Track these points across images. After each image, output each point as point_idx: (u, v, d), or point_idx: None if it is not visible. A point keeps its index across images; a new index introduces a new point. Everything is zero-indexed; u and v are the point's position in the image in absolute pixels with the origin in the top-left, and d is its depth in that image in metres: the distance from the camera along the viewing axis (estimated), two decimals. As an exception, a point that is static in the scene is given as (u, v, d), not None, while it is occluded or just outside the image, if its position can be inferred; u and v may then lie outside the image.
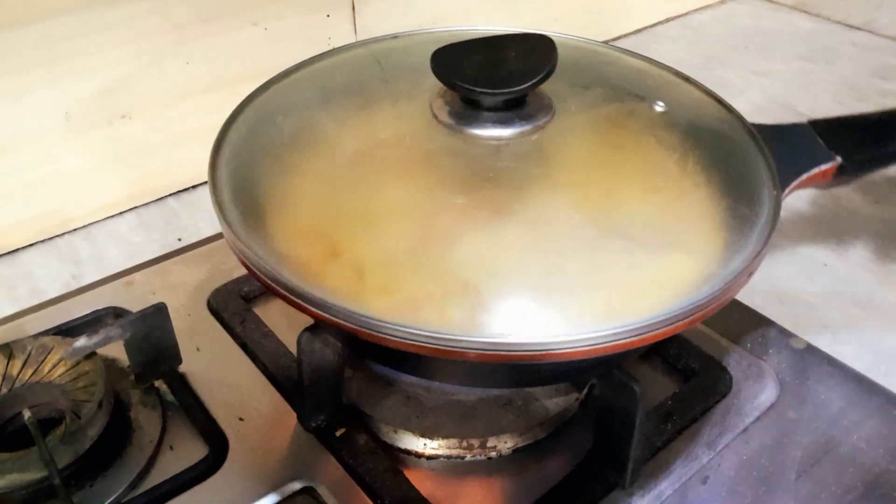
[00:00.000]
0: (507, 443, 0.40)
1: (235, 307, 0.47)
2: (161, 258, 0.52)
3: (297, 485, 0.37)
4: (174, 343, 0.41)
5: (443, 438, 0.40)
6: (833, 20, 0.83)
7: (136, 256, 0.53)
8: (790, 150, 0.42)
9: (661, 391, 0.43)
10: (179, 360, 0.42)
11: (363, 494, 0.37)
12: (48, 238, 0.56)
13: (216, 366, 0.44)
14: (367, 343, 0.31)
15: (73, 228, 0.56)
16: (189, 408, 0.41)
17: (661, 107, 0.42)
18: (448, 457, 0.40)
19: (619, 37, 0.87)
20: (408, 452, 0.40)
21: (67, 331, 0.45)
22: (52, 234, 0.56)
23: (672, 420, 0.41)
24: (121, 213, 0.58)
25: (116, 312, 0.47)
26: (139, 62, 0.54)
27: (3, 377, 0.39)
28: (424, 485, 0.38)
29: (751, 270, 0.34)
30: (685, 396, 0.42)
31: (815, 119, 0.46)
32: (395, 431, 0.40)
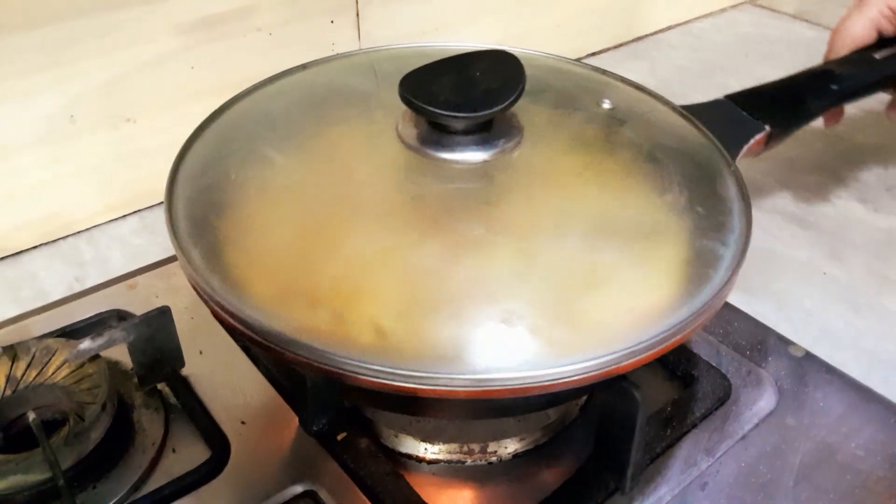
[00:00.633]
0: (508, 448, 0.40)
1: (238, 311, 0.47)
2: (164, 261, 0.52)
3: (299, 488, 0.38)
4: (177, 346, 0.41)
5: (444, 443, 0.40)
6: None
7: (140, 259, 0.53)
8: (723, 128, 0.44)
9: (661, 397, 0.43)
10: (182, 363, 0.42)
11: (364, 498, 0.37)
12: (52, 240, 0.56)
13: (219, 369, 0.44)
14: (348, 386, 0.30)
15: (77, 231, 0.57)
16: (192, 411, 0.41)
17: (608, 104, 0.42)
18: (449, 461, 0.40)
19: (621, 44, 0.88)
20: (409, 456, 0.40)
21: (71, 333, 0.46)
22: (56, 237, 0.56)
23: (671, 426, 0.41)
24: (124, 216, 0.58)
25: (120, 315, 0.47)
26: (144, 66, 0.54)
27: (8, 379, 0.39)
28: (425, 489, 0.38)
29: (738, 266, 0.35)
30: (685, 403, 0.42)
31: (730, 94, 0.49)
32: (397, 435, 0.40)
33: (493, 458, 0.40)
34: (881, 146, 0.69)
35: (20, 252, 0.55)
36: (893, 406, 0.43)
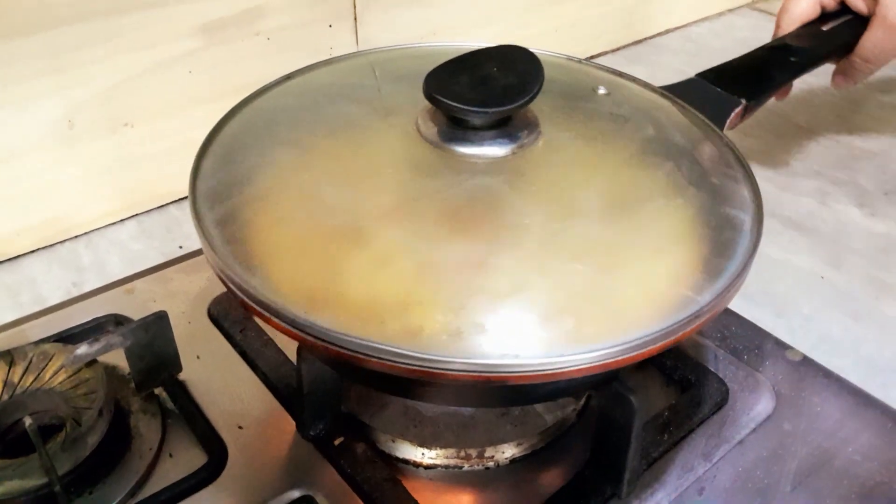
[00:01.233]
0: (505, 453, 0.40)
1: (236, 315, 0.47)
2: (162, 266, 0.52)
3: (296, 493, 0.38)
4: (175, 351, 0.41)
5: (441, 448, 0.40)
6: (832, 33, 0.84)
7: (137, 264, 0.54)
8: (703, 106, 0.45)
9: (658, 402, 0.43)
10: (179, 368, 0.42)
11: (361, 503, 0.37)
12: (50, 245, 0.56)
13: (216, 374, 0.44)
14: (362, 369, 0.30)
15: (75, 235, 0.57)
16: (189, 416, 0.41)
17: (604, 91, 0.43)
18: (446, 466, 0.40)
19: (620, 48, 0.88)
20: (406, 462, 0.40)
21: (68, 338, 0.46)
22: (54, 241, 0.56)
23: (669, 431, 0.41)
24: (122, 221, 0.59)
25: (117, 320, 0.47)
26: (143, 71, 0.55)
27: (5, 384, 0.39)
28: (422, 494, 0.38)
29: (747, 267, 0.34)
30: (682, 408, 0.42)
31: (701, 72, 0.52)
32: (394, 441, 0.40)
33: (491, 464, 0.40)
34: (878, 151, 0.69)
35: (19, 256, 0.55)
36: (891, 411, 0.43)
